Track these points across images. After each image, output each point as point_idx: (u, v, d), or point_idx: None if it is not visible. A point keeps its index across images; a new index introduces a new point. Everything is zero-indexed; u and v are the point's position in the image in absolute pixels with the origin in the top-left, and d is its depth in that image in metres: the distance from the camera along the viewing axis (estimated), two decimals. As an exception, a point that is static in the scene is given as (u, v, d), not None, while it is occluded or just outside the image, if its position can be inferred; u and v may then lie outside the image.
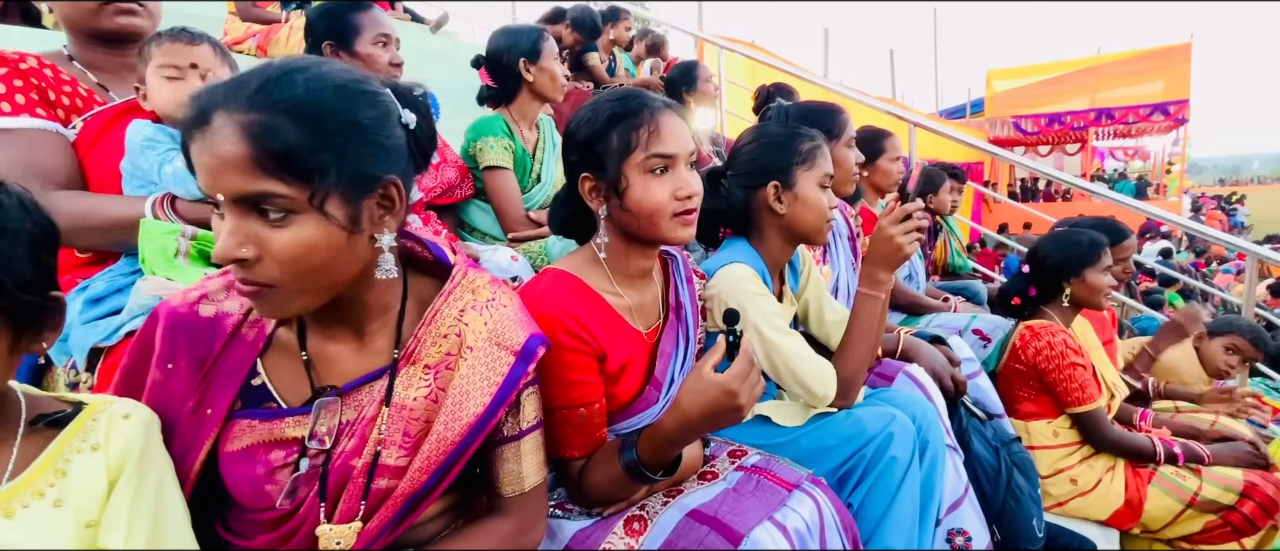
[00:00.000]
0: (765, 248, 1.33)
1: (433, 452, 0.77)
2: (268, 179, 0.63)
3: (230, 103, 0.63)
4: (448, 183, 1.76)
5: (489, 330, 0.81)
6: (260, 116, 0.63)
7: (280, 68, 0.67)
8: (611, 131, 0.97)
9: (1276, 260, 3.04)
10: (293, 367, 0.78)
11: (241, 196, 0.64)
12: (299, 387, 0.77)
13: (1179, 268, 8.09)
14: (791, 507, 0.95)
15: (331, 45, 1.60)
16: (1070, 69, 14.43)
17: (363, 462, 0.76)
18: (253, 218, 0.65)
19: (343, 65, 0.72)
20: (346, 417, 0.77)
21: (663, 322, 1.11)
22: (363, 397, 0.78)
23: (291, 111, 0.64)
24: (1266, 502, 1.69)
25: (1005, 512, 1.43)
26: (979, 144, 5.04)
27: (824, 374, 1.19)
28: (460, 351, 0.80)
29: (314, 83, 0.66)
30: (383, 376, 0.78)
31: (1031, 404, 1.83)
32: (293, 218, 0.65)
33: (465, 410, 0.78)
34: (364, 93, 0.70)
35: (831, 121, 1.62)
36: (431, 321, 0.81)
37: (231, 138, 0.62)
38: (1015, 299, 1.91)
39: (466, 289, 0.84)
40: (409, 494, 0.77)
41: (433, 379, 0.79)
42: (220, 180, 0.63)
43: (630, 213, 0.98)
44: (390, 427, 0.77)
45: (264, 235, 0.65)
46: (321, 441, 0.75)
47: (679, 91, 2.81)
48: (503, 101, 1.90)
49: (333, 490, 0.75)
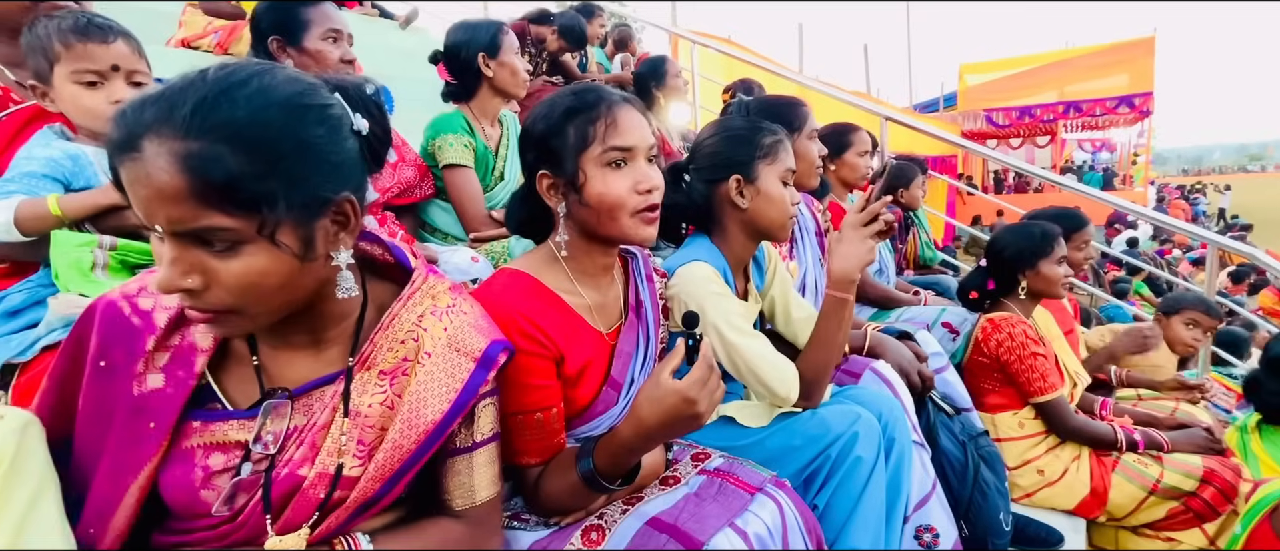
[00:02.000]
0: (727, 244, 1.30)
1: (387, 460, 0.74)
2: (210, 212, 0.58)
3: (162, 127, 0.57)
4: (406, 182, 1.70)
5: (448, 336, 0.78)
6: (198, 144, 0.56)
7: (217, 82, 0.60)
8: (568, 126, 0.94)
9: (1235, 249, 3.12)
10: (241, 369, 0.74)
11: (182, 232, 0.59)
12: (247, 389, 0.73)
13: (1146, 257, 8.31)
14: (753, 512, 0.92)
15: (279, 41, 1.53)
16: (1040, 63, 14.74)
17: (318, 472, 0.72)
18: (196, 247, 0.60)
19: (288, 73, 0.66)
20: (295, 423, 0.73)
21: (623, 322, 1.08)
22: (314, 403, 0.74)
23: (233, 138, 0.58)
24: (1226, 487, 1.72)
25: (973, 507, 1.43)
26: (952, 138, 5.10)
27: (786, 375, 1.17)
28: (417, 357, 0.77)
29: (257, 100, 0.60)
30: (336, 381, 0.75)
31: (996, 396, 1.85)
32: (241, 248, 0.61)
33: (422, 417, 0.75)
34: (313, 107, 0.65)
35: (792, 114, 1.60)
36: (388, 326, 0.77)
37: (166, 169, 0.56)
38: (973, 293, 1.93)
39: (426, 294, 0.81)
40: (360, 502, 0.74)
41: (388, 385, 0.76)
42: (156, 213, 0.58)
43: (590, 208, 0.95)
44: (346, 436, 0.73)
45: (211, 265, 0.61)
46: (267, 445, 0.70)
47: (648, 87, 2.78)
48: (463, 98, 1.85)
49: (278, 499, 0.71)
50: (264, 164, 0.59)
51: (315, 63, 1.54)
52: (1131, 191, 14.59)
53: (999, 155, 6.09)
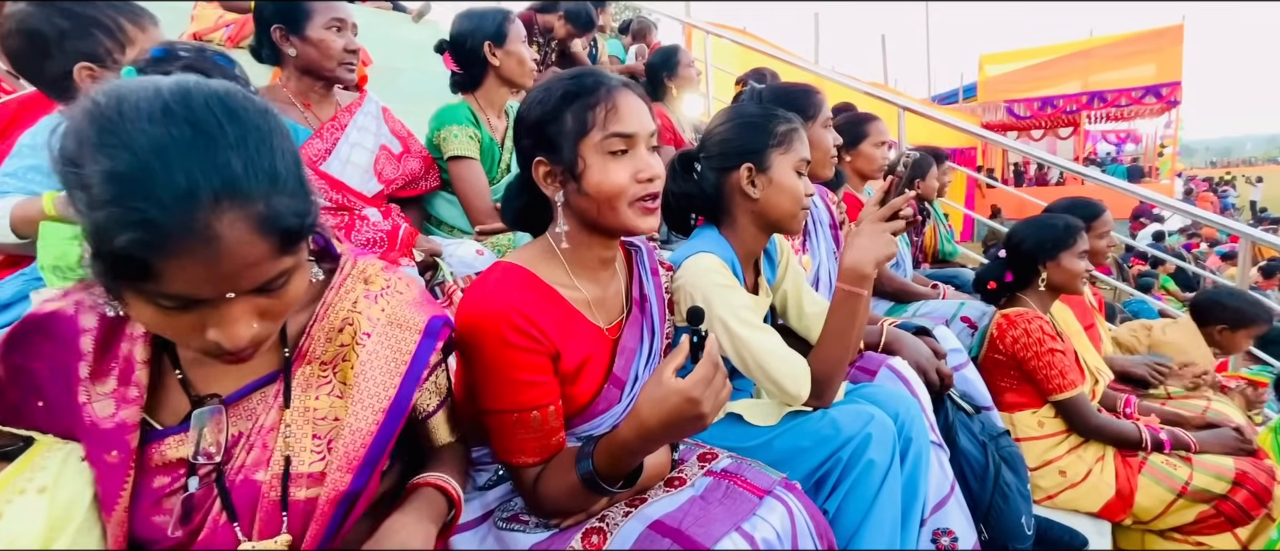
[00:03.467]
0: (737, 236, 1.26)
1: (350, 450, 0.71)
2: (282, 259, 0.59)
3: (229, 199, 0.53)
4: (411, 174, 1.67)
5: (386, 316, 0.77)
6: (262, 203, 0.55)
7: (211, 125, 0.54)
8: (566, 111, 0.90)
9: (1268, 242, 3.00)
10: (163, 383, 0.70)
11: (261, 286, 0.59)
12: (175, 404, 0.70)
13: (1171, 251, 8.09)
14: (761, 516, 0.88)
15: (281, 30, 1.51)
16: (1062, 52, 14.37)
17: (273, 474, 0.69)
18: (259, 295, 0.60)
19: (231, 90, 0.58)
20: (240, 428, 0.70)
21: (625, 317, 1.04)
22: (256, 405, 0.72)
23: (278, 180, 0.57)
24: (1259, 491, 1.64)
25: (993, 510, 1.38)
26: (971, 128, 4.98)
27: (797, 371, 1.13)
28: (356, 340, 0.74)
29: (269, 137, 0.57)
30: (276, 381, 0.72)
31: (1014, 394, 1.78)
32: (292, 275, 0.62)
33: (376, 397, 0.73)
34: (276, 116, 0.61)
35: (807, 102, 1.55)
36: (323, 317, 0.75)
37: (249, 239, 0.55)
38: (991, 283, 1.87)
39: (358, 279, 0.78)
40: (337, 498, 0.71)
41: (333, 374, 0.74)
42: (237, 281, 0.57)
43: (589, 197, 0.91)
44: (296, 433, 0.70)
45: (269, 306, 0.62)
46: (210, 456, 0.68)
47: (660, 77, 2.73)
48: (468, 88, 1.82)
49: (243, 508, 0.69)
50: (300, 189, 0.59)
51: (318, 52, 1.52)
52: (1157, 184, 14.22)
53: (1020, 146, 5.93)
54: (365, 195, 1.55)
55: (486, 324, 0.87)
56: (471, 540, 0.95)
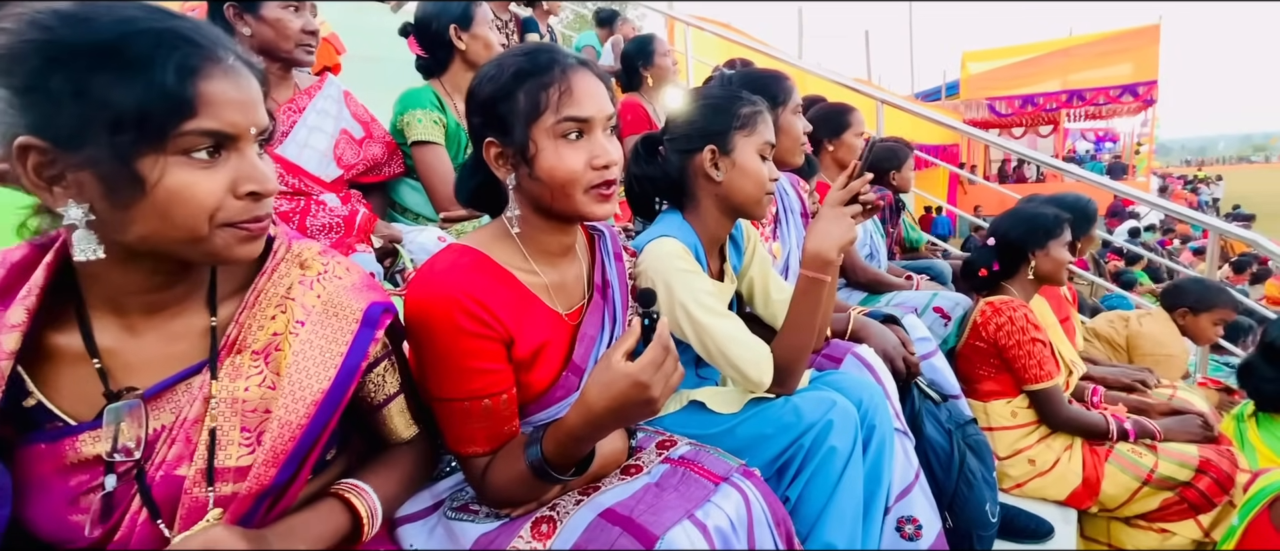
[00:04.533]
0: (701, 220, 1.23)
1: (278, 443, 0.67)
2: (264, 111, 0.66)
3: (224, 46, 0.62)
4: (372, 159, 1.63)
5: (322, 303, 0.72)
6: (244, 56, 0.64)
7: (154, 9, 0.60)
8: (518, 90, 0.86)
9: (1237, 236, 3.05)
10: (76, 374, 0.65)
11: (263, 129, 0.65)
12: (90, 397, 0.65)
13: (1146, 246, 8.22)
14: (716, 503, 0.86)
15: (235, 8, 1.45)
16: (1043, 51, 14.55)
17: (197, 469, 0.65)
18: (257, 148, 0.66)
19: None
20: (162, 422, 0.66)
21: (587, 302, 1.01)
22: (180, 398, 0.67)
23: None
24: (1222, 478, 1.66)
25: (958, 498, 1.37)
26: (954, 124, 5.01)
27: (759, 357, 1.11)
28: (288, 328, 0.70)
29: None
30: (201, 371, 0.68)
31: (991, 382, 1.79)
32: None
33: (308, 389, 0.69)
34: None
35: (777, 88, 1.53)
36: (254, 303, 0.71)
37: (248, 74, 0.63)
38: (981, 270, 1.87)
39: (293, 263, 0.74)
40: (257, 493, 0.67)
41: (264, 364, 0.69)
42: (256, 113, 0.63)
43: (541, 183, 0.87)
44: (223, 424, 0.66)
45: (259, 174, 0.64)
46: (128, 453, 0.63)
47: (635, 66, 2.69)
48: (434, 72, 1.77)
49: (165, 504, 0.65)
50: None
51: (275, 32, 1.46)
52: (1134, 181, 14.46)
53: (1002, 142, 6.00)
54: (323, 180, 1.50)
55: (436, 309, 0.83)
56: (420, 531, 0.92)
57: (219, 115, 0.59)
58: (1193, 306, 2.39)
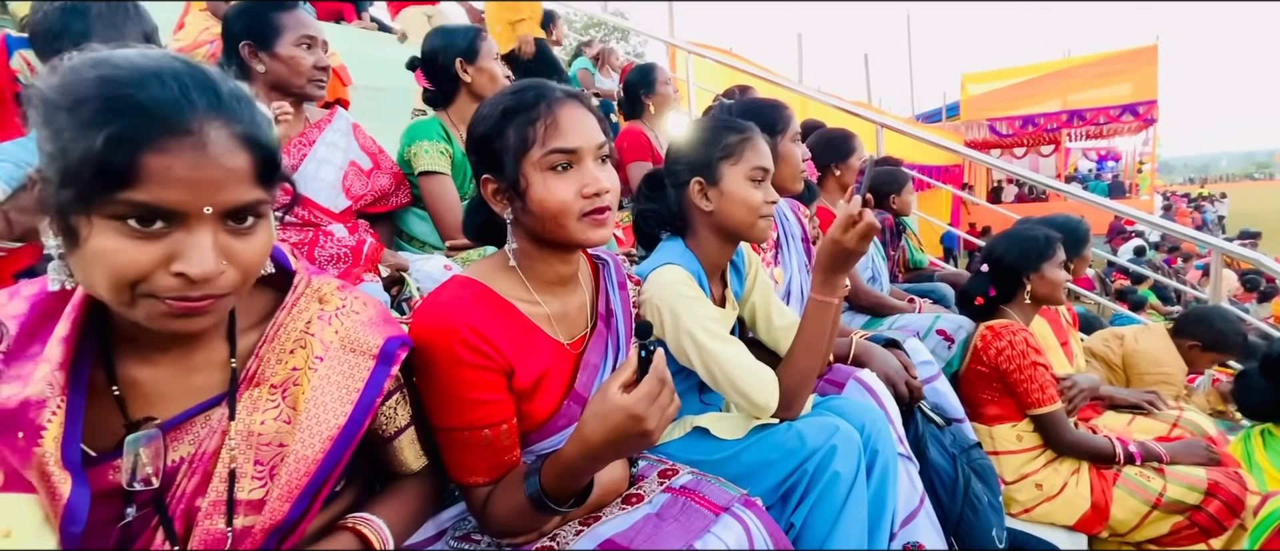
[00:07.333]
0: (701, 247, 1.26)
1: (292, 478, 0.68)
2: (258, 189, 0.61)
3: (217, 112, 0.58)
4: (381, 190, 1.66)
5: (340, 338, 0.74)
6: (245, 125, 0.60)
7: (185, 69, 0.59)
8: (507, 127, 0.88)
9: (1240, 255, 3.05)
10: (98, 405, 0.66)
11: (237, 208, 0.60)
12: (112, 428, 0.66)
13: (1151, 265, 8.19)
14: (716, 533, 0.86)
15: (250, 46, 1.50)
16: (1042, 72, 14.69)
17: (211, 501, 0.66)
18: (224, 230, 0.61)
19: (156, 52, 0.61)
20: (182, 454, 0.67)
21: (590, 331, 1.03)
22: (200, 430, 0.68)
23: (258, 121, 0.62)
24: (1231, 501, 1.65)
25: (963, 523, 1.36)
26: (950, 145, 5.06)
27: (765, 383, 1.12)
28: (308, 364, 0.71)
29: (233, 84, 0.63)
30: (221, 403, 0.69)
31: (995, 407, 1.78)
32: (258, 224, 0.63)
33: (324, 424, 0.70)
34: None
35: (775, 116, 1.56)
36: (274, 338, 0.72)
37: (233, 149, 0.59)
38: (978, 298, 1.88)
39: (312, 298, 0.76)
40: (270, 528, 0.68)
41: (281, 398, 0.70)
42: (220, 193, 0.58)
43: (534, 215, 0.89)
44: (239, 458, 0.68)
45: (234, 246, 0.61)
46: (147, 482, 0.65)
47: (638, 94, 2.74)
48: (441, 104, 1.82)
49: (186, 536, 0.66)
50: (271, 136, 0.63)
51: (288, 69, 1.51)
52: (1137, 200, 14.47)
53: (1003, 164, 6.03)
54: (332, 211, 1.54)
55: (437, 339, 0.85)
56: (423, 561, 0.92)
57: (157, 191, 0.55)
58: (1206, 344, 2.37)
